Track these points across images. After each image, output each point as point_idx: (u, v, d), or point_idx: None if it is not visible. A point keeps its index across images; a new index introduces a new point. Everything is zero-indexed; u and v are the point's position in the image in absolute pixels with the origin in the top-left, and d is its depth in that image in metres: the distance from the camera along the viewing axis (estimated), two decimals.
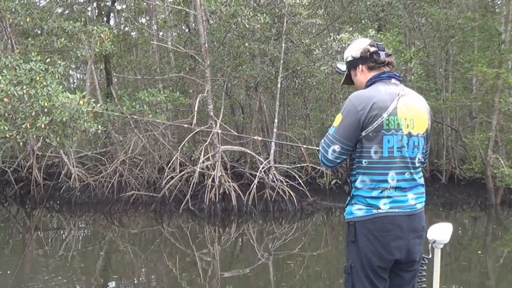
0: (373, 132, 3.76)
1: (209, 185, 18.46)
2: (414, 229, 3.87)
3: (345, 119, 3.81)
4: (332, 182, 21.55)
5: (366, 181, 3.82)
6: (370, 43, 4.08)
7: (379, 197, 3.79)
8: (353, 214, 3.87)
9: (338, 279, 11.31)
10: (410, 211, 3.84)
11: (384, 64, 4.03)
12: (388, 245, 3.79)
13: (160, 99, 18.44)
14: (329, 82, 22.52)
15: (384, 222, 3.78)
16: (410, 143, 3.84)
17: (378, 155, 3.79)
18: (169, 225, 17.65)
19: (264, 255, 13.56)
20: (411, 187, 3.88)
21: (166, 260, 12.97)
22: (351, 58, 4.13)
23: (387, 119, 3.75)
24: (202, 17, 18.27)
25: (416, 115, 3.90)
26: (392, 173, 3.79)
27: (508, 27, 20.49)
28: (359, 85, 4.12)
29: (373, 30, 18.66)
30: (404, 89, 3.96)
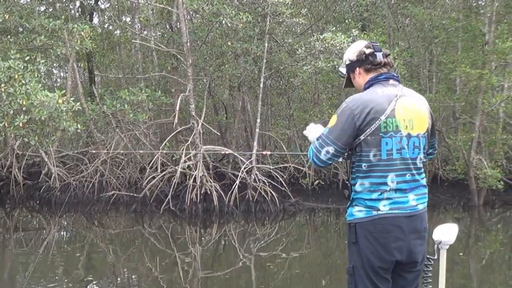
0: (371, 136, 3.78)
1: (191, 185, 18.33)
2: (415, 230, 3.89)
3: (340, 121, 3.83)
4: (315, 183, 21.47)
5: (365, 184, 3.85)
6: (366, 45, 4.11)
7: (379, 199, 3.81)
8: (353, 215, 3.92)
9: (320, 280, 11.29)
10: (411, 212, 3.86)
11: (381, 66, 4.04)
12: (389, 246, 3.81)
13: (141, 98, 18.29)
14: (312, 82, 22.46)
15: (384, 224, 3.81)
16: (410, 144, 3.86)
17: (377, 158, 3.81)
18: (150, 226, 17.50)
19: (245, 256, 13.46)
20: (412, 188, 3.89)
21: (146, 260, 12.81)
22: (349, 62, 4.17)
23: (384, 121, 3.77)
24: (184, 16, 18.17)
25: (416, 115, 3.92)
26: (391, 175, 3.82)
27: (491, 28, 20.49)
28: (358, 88, 4.16)
29: (357, 30, 18.57)
30: (403, 90, 3.96)
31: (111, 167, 21.20)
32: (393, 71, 4.18)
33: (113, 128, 21.01)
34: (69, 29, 16.89)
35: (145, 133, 21.21)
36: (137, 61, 25.76)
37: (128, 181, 21.09)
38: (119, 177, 21.08)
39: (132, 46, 26.40)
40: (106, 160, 21.05)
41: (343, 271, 11.52)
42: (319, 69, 18.10)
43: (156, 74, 22.58)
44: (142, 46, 24.82)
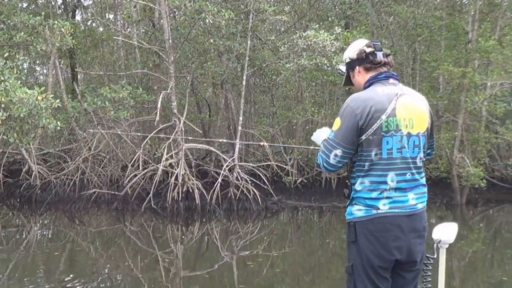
0: (372, 135, 3.79)
1: (172, 183, 18.23)
2: (415, 229, 3.90)
3: (343, 122, 3.84)
4: (298, 181, 21.43)
5: (365, 183, 3.86)
6: (366, 44, 4.12)
7: (379, 198, 3.83)
8: (353, 214, 3.93)
9: (303, 279, 11.19)
10: (411, 211, 3.87)
11: (381, 65, 4.06)
12: (388, 245, 3.82)
13: (122, 96, 18.15)
14: (295, 80, 22.40)
15: (383, 223, 3.82)
16: (410, 143, 3.87)
17: (378, 156, 3.82)
18: (131, 224, 17.36)
19: (227, 254, 13.35)
20: (412, 187, 3.91)
21: (128, 259, 12.70)
22: (349, 60, 4.20)
23: (385, 121, 3.78)
24: (166, 13, 18.02)
25: (416, 114, 3.92)
26: (391, 174, 3.83)
27: (474, 26, 20.52)
28: (358, 86, 4.18)
29: (340, 28, 18.55)
30: (403, 89, 3.98)
31: (92, 165, 21.05)
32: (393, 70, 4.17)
33: (95, 126, 20.83)
34: (50, 26, 16.72)
35: (126, 130, 21.04)
36: (119, 58, 25.59)
37: (110, 179, 20.96)
38: (100, 175, 20.94)
39: (115, 43, 26.25)
40: (88, 158, 20.90)
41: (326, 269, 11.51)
42: (302, 66, 18.03)
43: (137, 71, 22.44)
44: (125, 43, 24.69)
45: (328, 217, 19.42)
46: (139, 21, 22.82)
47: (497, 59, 19.20)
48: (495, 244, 15.04)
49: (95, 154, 21.22)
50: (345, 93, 24.14)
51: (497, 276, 11.03)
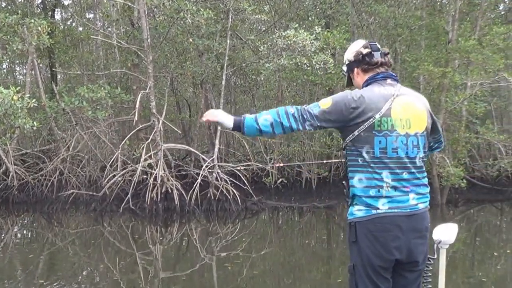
0: (364, 132, 3.82)
1: (151, 184, 18.09)
2: (415, 229, 3.92)
3: (333, 107, 3.85)
4: (278, 181, 21.38)
5: (363, 180, 3.89)
6: (363, 45, 4.16)
7: (377, 197, 3.85)
8: (353, 214, 3.95)
9: (283, 279, 11.14)
10: (411, 211, 3.89)
11: (378, 65, 4.09)
12: (388, 245, 3.84)
13: (100, 95, 17.97)
14: (276, 80, 22.34)
15: (383, 223, 3.84)
16: (409, 143, 3.90)
17: (370, 155, 3.85)
18: (109, 225, 17.23)
19: (207, 255, 13.24)
20: (412, 186, 3.93)
21: (106, 260, 12.59)
22: (348, 62, 4.26)
23: (379, 120, 3.81)
24: (145, 12, 17.88)
25: (413, 114, 3.95)
26: (386, 173, 3.85)
27: (454, 26, 20.53)
28: (356, 87, 4.23)
29: (319, 27, 18.49)
30: (401, 89, 4.01)
31: (71, 165, 20.92)
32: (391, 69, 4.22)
33: (73, 126, 20.65)
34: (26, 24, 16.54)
35: (105, 131, 20.88)
36: (98, 58, 25.40)
37: (88, 180, 20.88)
38: (79, 175, 20.85)
39: (94, 42, 26.06)
40: (66, 159, 20.73)
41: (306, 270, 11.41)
42: (281, 66, 17.97)
43: (116, 71, 22.29)
44: (105, 43, 24.50)
45: (308, 218, 19.36)
46: (117, 20, 22.66)
47: (477, 59, 19.20)
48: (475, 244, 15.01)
49: (74, 154, 21.09)
50: (326, 93, 24.11)
51: (477, 277, 11.00)
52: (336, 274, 11.39)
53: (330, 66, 17.77)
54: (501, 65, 19.26)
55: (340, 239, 15.93)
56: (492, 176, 22.44)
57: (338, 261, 12.71)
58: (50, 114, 19.59)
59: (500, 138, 20.94)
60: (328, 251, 14.25)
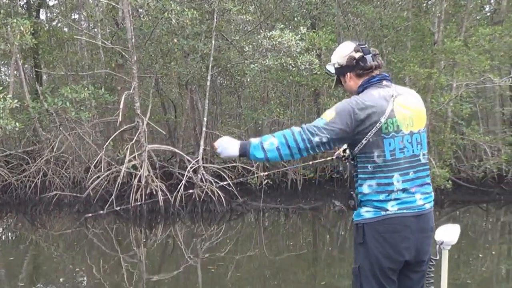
0: (373, 137, 3.78)
1: (135, 185, 17.97)
2: (423, 229, 3.92)
3: (339, 118, 3.76)
4: (263, 183, 21.30)
5: (373, 186, 3.87)
6: (354, 49, 4.06)
7: (387, 200, 3.83)
8: (361, 216, 3.93)
9: (268, 281, 11.11)
10: (419, 212, 3.90)
11: (372, 69, 4.03)
12: (398, 246, 3.84)
13: (84, 96, 17.80)
14: (261, 81, 22.27)
15: (392, 224, 3.83)
16: (413, 141, 3.90)
17: (381, 159, 3.83)
18: (93, 227, 17.09)
19: (192, 257, 13.21)
20: (418, 186, 3.93)
21: (89, 263, 12.51)
22: (338, 66, 4.15)
23: (385, 123, 3.78)
24: (129, 12, 17.74)
25: (414, 112, 3.95)
26: (396, 175, 3.84)
27: (440, 27, 20.59)
28: (350, 91, 4.16)
29: (305, 28, 18.43)
30: (397, 89, 3.99)
31: (55, 166, 20.75)
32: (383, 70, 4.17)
33: (57, 127, 20.50)
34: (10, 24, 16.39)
35: (89, 132, 20.74)
36: (83, 58, 25.25)
37: (73, 181, 20.70)
38: (63, 177, 20.68)
39: (78, 43, 25.91)
40: (50, 160, 20.58)
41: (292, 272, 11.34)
42: (267, 67, 17.91)
43: (100, 71, 22.16)
44: (90, 43, 24.33)
45: (294, 219, 19.31)
46: (101, 20, 22.53)
47: (462, 60, 19.25)
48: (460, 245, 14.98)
49: (58, 155, 20.91)
50: (311, 94, 24.11)
51: (463, 278, 10.96)
52: (322, 276, 11.38)
53: (316, 66, 17.73)
54: (487, 66, 19.31)
55: (327, 241, 15.91)
56: (477, 177, 22.42)
57: (324, 263, 12.70)
58: (34, 115, 19.41)
59: (486, 139, 20.96)
60: (314, 253, 14.23)
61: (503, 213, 20.47)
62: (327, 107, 20.71)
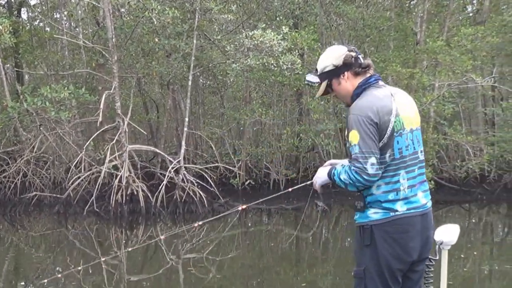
0: (387, 138, 3.79)
1: (116, 186, 17.83)
2: (426, 228, 3.95)
3: (363, 132, 3.75)
4: (245, 183, 21.24)
5: (381, 185, 3.85)
6: (348, 49, 4.05)
7: (395, 200, 3.83)
8: (368, 217, 3.89)
9: (251, 282, 11.00)
10: (423, 211, 3.92)
11: (369, 68, 4.03)
12: (407, 247, 3.84)
13: (64, 96, 17.63)
14: (243, 81, 22.20)
15: (401, 224, 3.82)
16: (414, 138, 3.94)
17: (391, 157, 3.83)
18: (73, 228, 16.96)
19: (173, 258, 13.09)
20: (418, 183, 3.95)
21: (70, 264, 12.32)
22: (333, 67, 4.06)
23: (394, 121, 3.81)
24: (110, 11, 17.61)
25: (412, 110, 4.01)
26: (403, 173, 3.86)
27: (423, 27, 20.61)
28: (345, 94, 4.10)
29: (287, 28, 18.37)
30: (391, 89, 4.01)
31: (35, 167, 20.55)
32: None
33: (37, 127, 20.32)
34: None
35: (69, 132, 20.56)
36: (64, 58, 25.05)
37: (53, 182, 20.53)
38: (43, 177, 20.50)
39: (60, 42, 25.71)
40: (30, 160, 20.38)
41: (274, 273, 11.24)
42: (248, 67, 17.82)
43: (80, 71, 21.98)
44: (71, 43, 24.15)
45: (276, 219, 19.25)
46: (82, 19, 22.37)
47: (445, 60, 19.29)
48: None
49: (38, 156, 20.72)
50: (294, 94, 24.03)
51: None
52: (304, 276, 11.28)
53: (298, 66, 17.66)
54: (469, 66, 19.38)
55: (309, 241, 15.83)
56: (460, 177, 22.47)
57: (307, 263, 12.60)
58: (13, 114, 19.21)
59: (468, 139, 21.01)
60: (297, 253, 14.14)
61: (485, 213, 20.52)
62: (309, 107, 20.83)
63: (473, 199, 21.87)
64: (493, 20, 22.41)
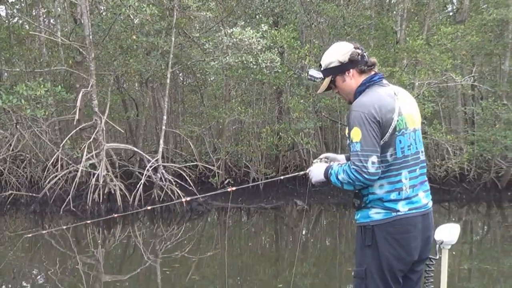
0: (389, 137, 3.80)
1: (93, 185, 17.66)
2: (427, 228, 3.97)
3: (365, 130, 3.75)
4: (225, 182, 21.14)
5: (384, 185, 3.86)
6: (354, 46, 4.04)
7: (397, 200, 3.84)
8: (370, 217, 3.90)
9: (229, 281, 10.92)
10: (425, 211, 3.95)
11: (374, 66, 4.04)
12: (408, 247, 3.85)
13: (40, 93, 17.40)
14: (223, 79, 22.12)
15: (403, 224, 3.83)
16: (416, 138, 3.97)
17: (393, 157, 3.84)
18: (50, 227, 16.74)
19: (151, 258, 12.98)
20: (420, 183, 3.98)
21: (45, 264, 12.24)
22: (338, 63, 4.05)
23: (397, 120, 3.81)
24: (87, 7, 17.41)
25: (414, 110, 4.03)
26: (405, 172, 3.87)
27: (403, 25, 20.60)
28: (348, 91, 4.09)
29: (266, 25, 18.29)
30: (394, 88, 4.01)
31: (11, 165, 20.33)
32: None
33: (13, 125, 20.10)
34: None
35: (46, 130, 20.34)
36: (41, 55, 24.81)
37: (30, 181, 20.36)
38: (19, 176, 20.30)
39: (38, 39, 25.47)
40: (6, 159, 20.15)
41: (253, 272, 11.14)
42: (228, 64, 17.72)
43: (57, 68, 21.74)
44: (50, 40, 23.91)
45: (256, 219, 19.19)
46: (59, 16, 22.15)
47: (424, 58, 19.34)
48: None
49: (15, 154, 20.51)
50: (274, 92, 23.95)
51: None
52: (284, 276, 11.20)
53: (277, 64, 17.60)
54: (449, 65, 19.43)
55: (289, 240, 15.75)
56: (440, 176, 22.47)
57: (286, 263, 12.53)
58: None
59: (448, 138, 21.00)
60: (276, 253, 14.12)
61: (465, 212, 20.54)
62: (289, 105, 20.75)
63: (453, 198, 21.92)
64: (473, 19, 22.47)
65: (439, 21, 24.55)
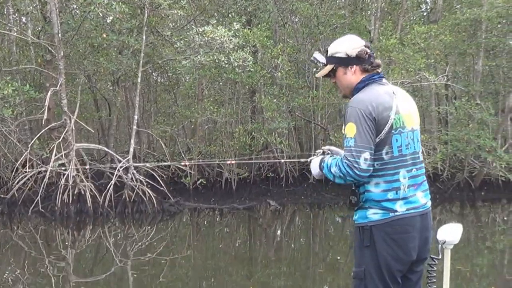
0: (385, 134, 3.79)
1: (62, 185, 17.41)
2: (426, 228, 3.96)
3: (360, 126, 3.75)
4: (197, 182, 21.00)
5: (380, 183, 3.85)
6: (365, 44, 4.03)
7: (395, 199, 3.83)
8: (368, 218, 3.88)
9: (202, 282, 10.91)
10: (423, 210, 3.94)
11: (379, 67, 4.02)
12: (407, 247, 3.84)
13: (7, 92, 17.10)
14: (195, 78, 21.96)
15: (401, 224, 3.83)
16: (414, 138, 3.96)
17: (389, 155, 3.83)
18: (18, 229, 16.52)
19: (121, 259, 12.84)
20: (418, 183, 3.97)
21: (13, 266, 12.05)
22: (344, 55, 4.03)
23: (394, 118, 3.80)
24: (55, 5, 17.15)
25: (413, 110, 4.02)
26: (403, 171, 3.86)
27: (376, 25, 20.60)
28: (346, 85, 4.09)
29: (239, 24, 18.17)
30: (392, 87, 4.01)
31: None
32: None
33: None
34: None
35: (14, 130, 20.03)
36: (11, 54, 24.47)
37: None
38: None
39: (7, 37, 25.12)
40: None
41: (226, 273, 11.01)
42: (199, 63, 17.58)
43: (26, 67, 21.41)
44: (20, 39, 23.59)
45: (229, 219, 19.10)
46: (27, 14, 21.85)
47: (398, 58, 19.42)
48: None
49: None
50: (247, 92, 23.85)
51: None
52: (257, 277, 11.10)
53: (249, 63, 17.50)
54: (422, 65, 19.50)
55: (262, 241, 15.66)
56: None
57: (260, 264, 12.44)
58: None
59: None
60: (249, 253, 14.08)
61: (439, 212, 20.54)
62: (262, 105, 20.64)
63: None
64: (447, 19, 22.60)
65: (412, 20, 24.70)
